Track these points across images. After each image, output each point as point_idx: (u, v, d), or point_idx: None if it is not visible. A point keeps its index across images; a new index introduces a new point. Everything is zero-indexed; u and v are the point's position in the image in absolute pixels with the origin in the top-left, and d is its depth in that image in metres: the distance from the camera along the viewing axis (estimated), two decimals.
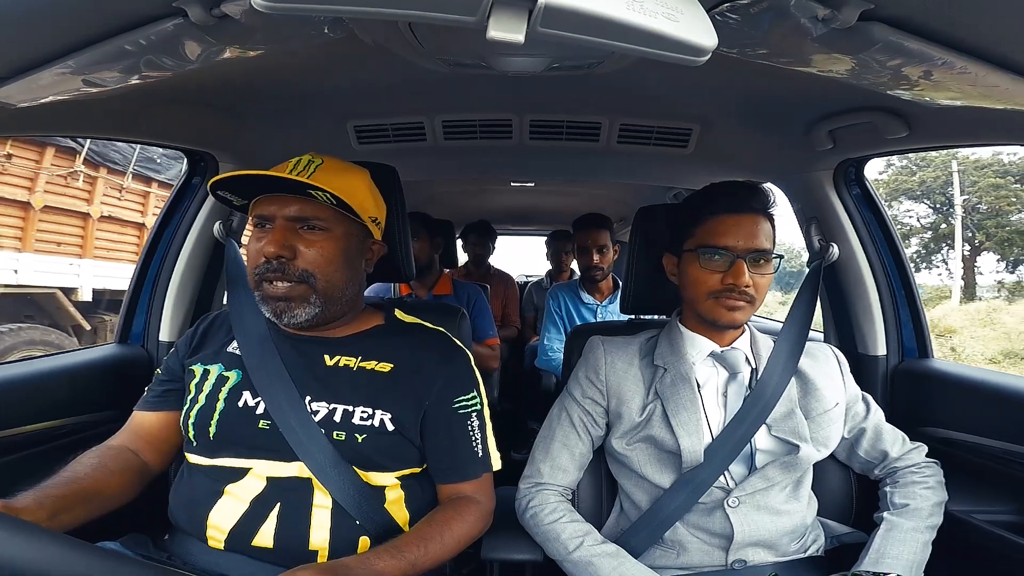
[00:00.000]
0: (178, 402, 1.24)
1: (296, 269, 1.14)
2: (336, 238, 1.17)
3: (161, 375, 1.30)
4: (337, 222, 1.17)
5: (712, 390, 1.32)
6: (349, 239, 1.20)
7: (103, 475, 1.09)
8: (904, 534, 1.22)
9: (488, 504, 1.26)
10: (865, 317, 1.80)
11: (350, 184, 1.20)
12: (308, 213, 1.15)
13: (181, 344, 1.32)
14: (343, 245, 1.19)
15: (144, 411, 1.27)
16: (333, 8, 0.64)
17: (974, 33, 0.79)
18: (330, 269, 1.17)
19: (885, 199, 14.14)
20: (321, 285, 1.16)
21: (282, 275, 1.14)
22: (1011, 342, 13.67)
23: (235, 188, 1.17)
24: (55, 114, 1.22)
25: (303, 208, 1.15)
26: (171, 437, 1.25)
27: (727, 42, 0.84)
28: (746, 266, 1.23)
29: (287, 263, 1.14)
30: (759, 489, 1.25)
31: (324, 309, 1.19)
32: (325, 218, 1.16)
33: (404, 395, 1.19)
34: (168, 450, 1.26)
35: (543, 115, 1.78)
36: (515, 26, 0.61)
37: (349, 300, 1.25)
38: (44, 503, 0.95)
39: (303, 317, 1.17)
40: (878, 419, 1.39)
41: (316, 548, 1.09)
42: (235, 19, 0.83)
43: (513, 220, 5.16)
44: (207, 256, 1.91)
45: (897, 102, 1.11)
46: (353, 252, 1.22)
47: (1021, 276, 24.14)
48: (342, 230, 1.19)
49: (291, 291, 1.15)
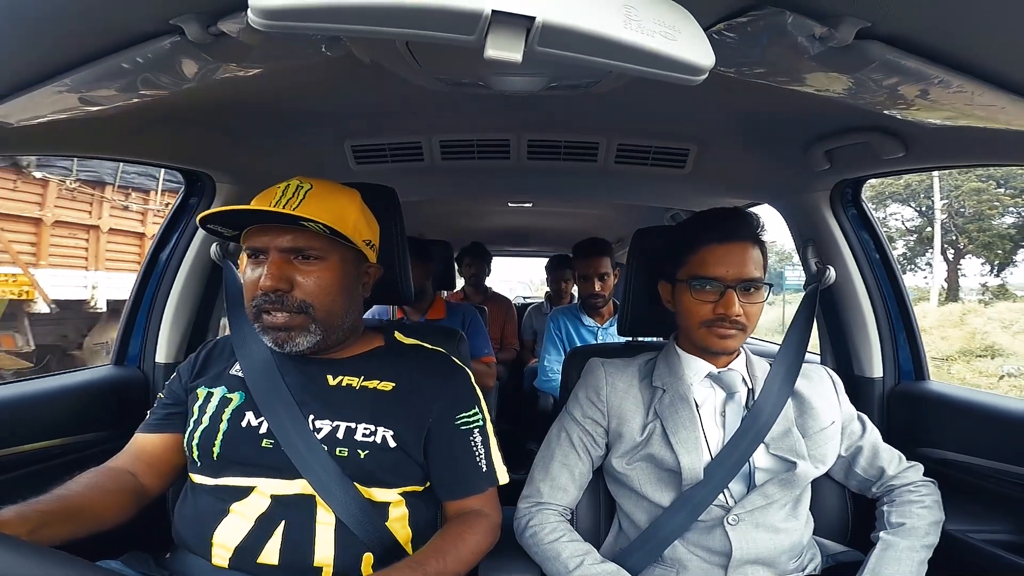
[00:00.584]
0: (181, 425, 1.24)
1: (294, 300, 1.13)
2: (332, 266, 1.17)
3: (164, 398, 1.30)
4: (332, 249, 1.16)
5: (710, 410, 1.32)
6: (345, 265, 1.20)
7: (97, 494, 1.08)
8: (900, 553, 1.21)
9: (496, 517, 1.26)
10: (861, 339, 1.80)
11: (341, 209, 1.18)
12: (302, 244, 1.14)
13: (183, 369, 1.32)
14: (339, 273, 1.18)
15: (146, 433, 1.26)
16: (330, 27, 0.64)
17: (972, 52, 0.79)
18: (328, 299, 1.16)
19: (872, 202, 14.06)
20: (320, 315, 1.16)
21: (280, 306, 1.13)
22: (970, 341, 14.11)
23: (226, 220, 1.16)
24: (52, 133, 1.21)
25: (296, 239, 1.14)
26: (172, 459, 1.24)
27: (724, 61, 0.84)
28: (736, 296, 1.25)
29: (284, 295, 1.13)
30: (758, 507, 1.24)
31: (325, 337, 1.18)
32: (319, 247, 1.15)
33: (406, 413, 1.19)
34: (168, 472, 1.25)
35: (541, 135, 1.79)
36: (513, 45, 0.61)
37: (350, 326, 1.25)
38: (27, 517, 0.93)
39: (304, 346, 1.17)
40: (875, 438, 1.39)
41: (320, 565, 1.08)
42: (232, 37, 0.82)
43: (511, 240, 5.16)
44: (205, 277, 1.90)
45: (894, 122, 1.11)
46: (350, 278, 1.22)
47: (1004, 279, 24.47)
48: (337, 257, 1.18)
49: (290, 321, 1.14)
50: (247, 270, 1.18)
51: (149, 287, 1.88)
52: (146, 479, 1.20)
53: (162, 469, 1.23)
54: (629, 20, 0.62)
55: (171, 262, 1.87)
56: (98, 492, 1.09)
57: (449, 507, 1.25)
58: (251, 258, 1.18)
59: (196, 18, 0.81)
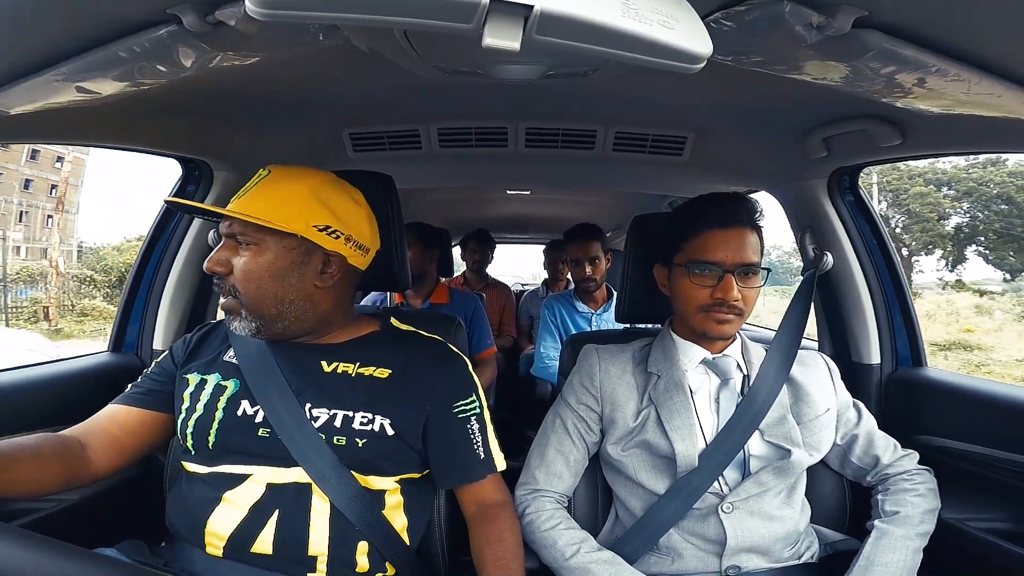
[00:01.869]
0: (162, 405, 1.22)
1: (227, 285, 1.16)
2: (262, 252, 1.15)
3: (152, 373, 1.28)
4: (267, 236, 1.15)
5: (704, 396, 1.32)
6: (283, 252, 1.16)
7: (25, 456, 1.02)
8: (894, 541, 1.22)
9: (510, 499, 1.29)
10: (859, 326, 1.80)
11: (283, 196, 1.15)
12: (236, 230, 1.15)
13: (177, 348, 1.31)
14: (270, 259, 1.15)
15: (125, 405, 1.23)
16: (328, 15, 0.64)
17: (968, 40, 0.79)
18: (252, 285, 1.15)
19: None
20: (246, 300, 1.15)
21: (223, 290, 1.17)
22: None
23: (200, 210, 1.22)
24: (49, 122, 1.21)
25: (232, 226, 1.15)
26: (143, 437, 1.21)
27: (722, 50, 0.84)
28: (735, 280, 1.25)
29: (223, 279, 1.16)
30: (753, 494, 1.25)
31: (263, 323, 1.17)
32: (251, 234, 1.14)
33: (403, 401, 1.19)
34: (134, 451, 1.21)
35: (539, 123, 1.79)
36: (511, 34, 0.61)
37: (301, 315, 1.20)
38: None
39: (242, 331, 1.17)
40: (870, 426, 1.39)
41: (315, 554, 1.08)
42: (229, 26, 0.82)
43: (509, 228, 5.17)
44: (202, 263, 1.90)
45: (891, 110, 1.11)
46: (285, 265, 1.16)
47: (943, 276, 26.11)
48: (272, 244, 1.15)
49: (227, 305, 1.18)
50: None
51: (146, 274, 1.88)
52: (100, 454, 1.15)
53: (127, 445, 1.19)
54: (627, 8, 0.62)
55: (168, 249, 1.87)
56: (28, 453, 1.03)
57: (463, 496, 1.26)
58: None
59: (193, 7, 0.81)
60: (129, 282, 1.90)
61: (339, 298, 1.26)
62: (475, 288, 3.89)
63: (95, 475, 1.14)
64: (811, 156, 1.59)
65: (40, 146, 31.61)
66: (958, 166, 24.94)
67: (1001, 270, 25.69)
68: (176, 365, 1.27)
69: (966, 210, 25.09)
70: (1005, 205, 24.31)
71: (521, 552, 1.19)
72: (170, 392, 1.24)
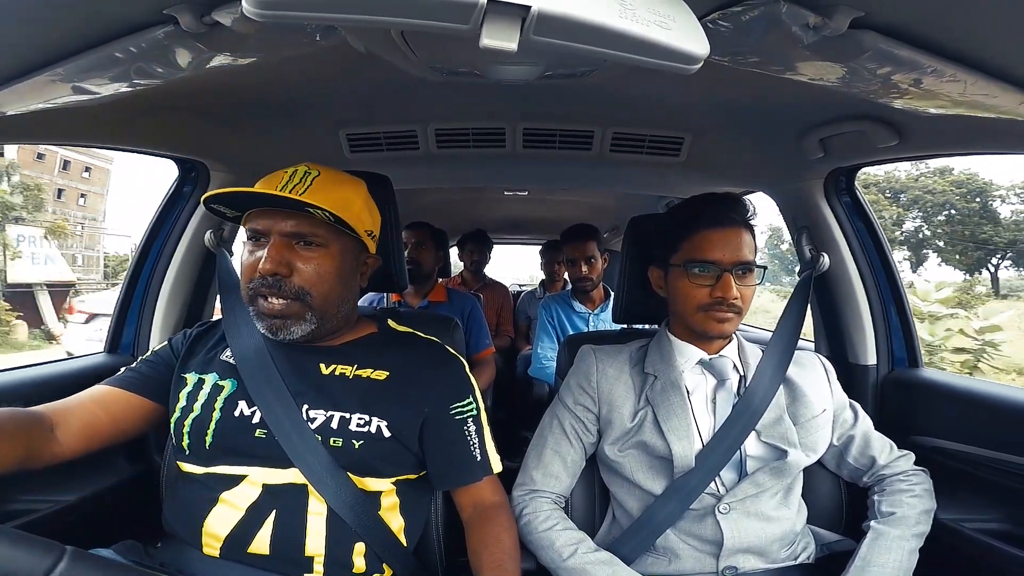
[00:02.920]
0: (153, 393, 1.20)
1: (292, 286, 1.13)
2: (333, 255, 1.16)
3: (148, 359, 1.26)
4: (334, 238, 1.16)
5: (701, 397, 1.32)
6: (345, 255, 1.19)
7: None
8: (891, 542, 1.22)
9: (507, 501, 1.29)
10: (855, 326, 1.81)
11: (346, 198, 1.18)
12: (305, 229, 1.13)
13: (176, 340, 1.30)
14: (339, 262, 1.18)
15: (116, 387, 1.20)
16: (325, 16, 0.64)
17: (965, 41, 0.79)
18: (326, 287, 1.16)
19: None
20: (317, 303, 1.15)
21: (277, 292, 1.12)
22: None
23: (229, 201, 1.15)
24: (46, 122, 1.21)
25: (299, 224, 1.13)
26: (122, 423, 1.17)
27: (719, 50, 0.84)
28: (733, 279, 1.25)
29: (283, 280, 1.12)
30: (750, 495, 1.25)
31: (320, 326, 1.18)
32: (322, 234, 1.14)
33: (401, 403, 1.19)
34: (108, 435, 1.15)
35: (536, 124, 1.79)
36: (508, 34, 0.61)
37: (344, 315, 1.24)
38: None
39: (299, 334, 1.16)
40: (866, 426, 1.40)
41: (312, 555, 1.08)
42: (226, 27, 0.82)
43: (507, 229, 5.17)
44: (198, 265, 1.90)
45: (888, 110, 1.12)
46: (348, 268, 1.21)
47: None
48: (339, 246, 1.17)
49: (287, 308, 1.14)
50: (245, 252, 1.17)
51: (143, 275, 1.87)
52: (69, 434, 1.10)
53: (102, 429, 1.14)
54: (624, 9, 0.62)
55: (164, 250, 1.86)
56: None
57: (460, 498, 1.26)
58: (251, 241, 1.17)
59: (190, 8, 0.80)
60: (125, 283, 1.89)
61: (357, 300, 1.31)
62: (472, 288, 3.88)
63: (57, 457, 1.08)
64: (807, 157, 1.59)
65: (71, 156, 32.27)
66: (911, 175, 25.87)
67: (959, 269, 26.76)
68: (175, 357, 1.26)
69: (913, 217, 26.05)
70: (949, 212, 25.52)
71: (518, 554, 1.19)
72: (164, 381, 1.22)
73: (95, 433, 1.13)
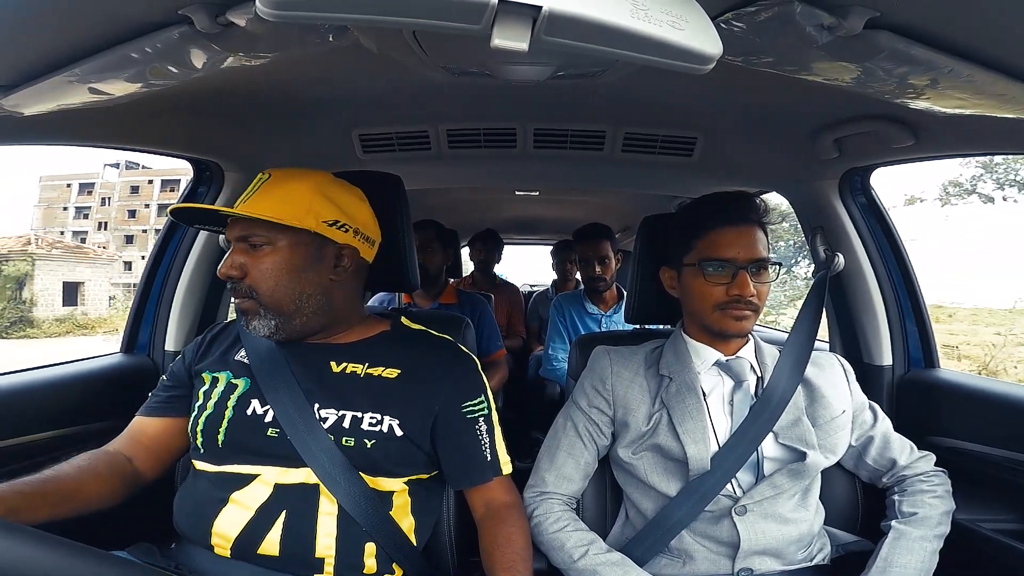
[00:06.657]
0: (182, 409, 1.24)
1: (244, 286, 1.17)
2: (280, 251, 1.17)
3: (167, 381, 1.30)
4: (280, 235, 1.17)
5: (718, 399, 1.31)
6: (296, 249, 1.18)
7: (87, 477, 1.10)
8: (912, 543, 1.21)
9: (520, 501, 1.29)
10: (871, 327, 1.79)
11: (289, 195, 1.18)
12: (246, 232, 1.17)
13: (188, 351, 1.32)
14: (287, 256, 1.17)
15: (146, 416, 1.27)
16: (337, 16, 0.64)
17: (982, 41, 0.79)
18: (270, 283, 1.17)
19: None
20: (265, 299, 1.17)
21: (237, 293, 1.19)
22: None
23: (203, 218, 1.29)
24: (62, 123, 1.22)
25: (243, 228, 1.17)
26: (172, 444, 1.26)
27: (732, 50, 0.84)
28: (748, 276, 1.24)
29: (238, 282, 1.17)
30: (767, 497, 1.24)
31: (282, 321, 1.19)
32: (262, 234, 1.17)
33: (412, 401, 1.19)
34: (167, 457, 1.27)
35: (547, 124, 1.79)
36: (519, 34, 0.61)
37: (318, 309, 1.22)
38: (5, 497, 0.95)
39: (263, 331, 1.19)
40: (886, 427, 1.38)
41: (322, 556, 1.08)
42: (240, 27, 0.83)
43: (518, 229, 5.16)
44: (213, 265, 1.91)
45: (903, 110, 1.10)
46: (303, 261, 1.19)
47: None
48: (287, 241, 1.17)
49: (244, 306, 1.19)
50: None
51: (158, 275, 1.89)
52: (143, 463, 1.22)
53: (160, 454, 1.25)
54: (636, 9, 0.62)
55: (179, 250, 1.88)
56: (88, 475, 1.11)
57: (472, 497, 1.26)
58: None
59: (204, 8, 0.81)
60: (141, 284, 1.91)
61: (352, 292, 1.30)
62: (483, 289, 3.88)
63: (146, 481, 1.23)
64: (822, 157, 1.58)
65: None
66: None
67: None
68: (189, 367, 1.29)
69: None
70: None
71: (530, 554, 1.18)
72: (185, 394, 1.27)
73: (159, 457, 1.26)
